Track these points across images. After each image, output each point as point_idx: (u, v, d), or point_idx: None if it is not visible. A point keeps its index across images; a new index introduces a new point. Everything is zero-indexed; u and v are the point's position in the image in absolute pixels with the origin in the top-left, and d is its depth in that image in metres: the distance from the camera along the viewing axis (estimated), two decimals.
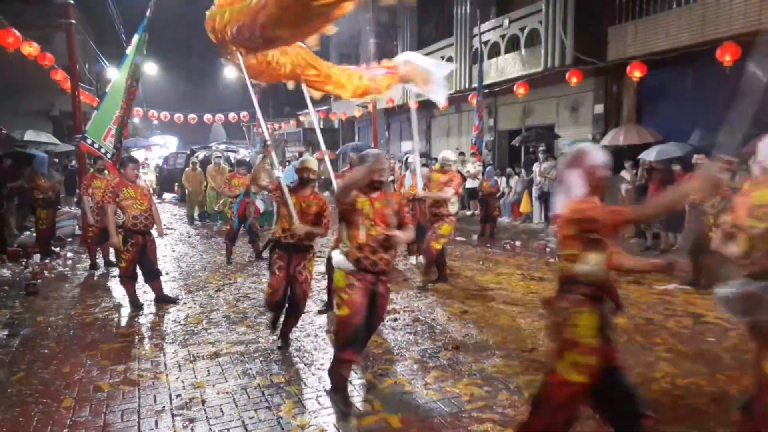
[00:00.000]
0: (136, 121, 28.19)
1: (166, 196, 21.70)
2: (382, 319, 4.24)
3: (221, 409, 3.77)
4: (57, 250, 9.91)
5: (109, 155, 9.34)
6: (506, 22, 14.82)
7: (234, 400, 3.92)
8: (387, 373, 4.36)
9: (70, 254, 9.78)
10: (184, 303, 6.60)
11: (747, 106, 2.38)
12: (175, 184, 19.84)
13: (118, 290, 7.08)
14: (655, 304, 6.29)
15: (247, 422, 3.58)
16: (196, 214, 14.85)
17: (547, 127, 15.19)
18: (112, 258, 8.22)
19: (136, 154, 26.09)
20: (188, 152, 19.63)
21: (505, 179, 14.66)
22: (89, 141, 9.62)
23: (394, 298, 6.62)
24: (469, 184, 13.95)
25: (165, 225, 12.66)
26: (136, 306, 6.34)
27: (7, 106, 18.44)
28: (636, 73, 11.42)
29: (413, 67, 5.71)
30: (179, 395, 4.02)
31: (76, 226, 12.25)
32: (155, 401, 3.93)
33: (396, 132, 24.57)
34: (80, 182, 11.34)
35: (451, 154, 7.54)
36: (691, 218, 7.48)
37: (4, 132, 14.10)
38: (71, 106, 11.12)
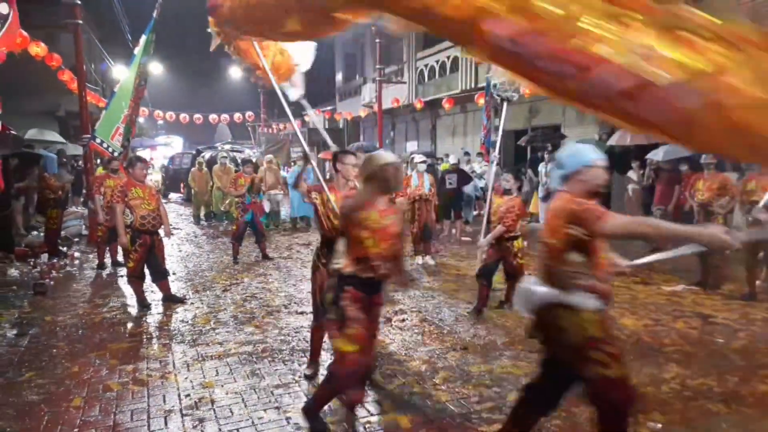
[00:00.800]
0: (141, 120, 28.27)
1: (172, 196, 21.76)
2: None
3: (230, 410, 3.78)
4: (64, 249, 9.94)
5: (116, 154, 9.39)
6: None
7: (243, 400, 3.92)
8: (396, 374, 4.36)
9: (77, 254, 9.82)
10: (192, 303, 6.61)
11: None
12: (181, 184, 19.88)
13: (125, 290, 7.11)
14: (663, 305, 6.27)
15: (257, 422, 3.58)
16: (203, 214, 14.89)
17: (553, 127, 15.14)
18: (120, 258, 8.24)
19: (141, 154, 26.26)
20: (194, 152, 19.67)
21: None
22: (98, 140, 9.69)
23: (402, 298, 6.62)
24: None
25: (171, 225, 12.73)
26: (144, 306, 6.36)
27: (14, 106, 18.44)
28: None
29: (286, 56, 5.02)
30: (188, 395, 4.02)
31: (83, 226, 12.30)
32: (164, 401, 3.94)
33: (401, 132, 24.56)
34: (87, 182, 11.41)
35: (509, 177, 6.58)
36: (700, 218, 7.44)
37: (13, 132, 14.13)
38: (77, 106, 11.16)
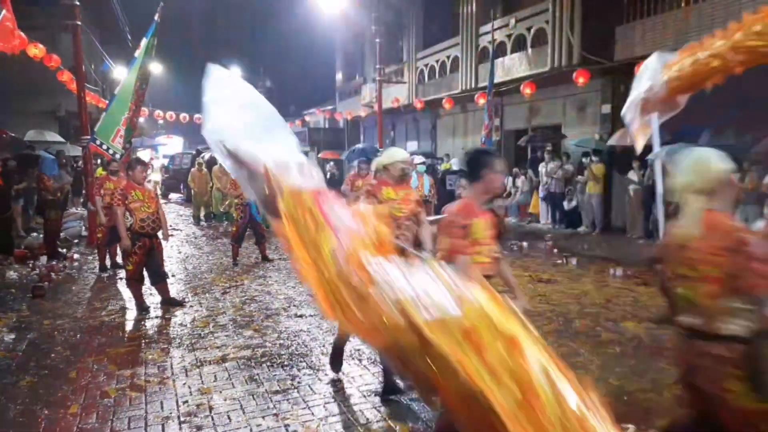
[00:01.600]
0: (141, 120, 28.25)
1: (172, 196, 21.74)
2: None
3: (228, 416, 3.74)
4: (64, 251, 9.92)
5: (118, 156, 9.38)
6: (512, 22, 14.73)
7: (241, 406, 3.89)
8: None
9: (76, 255, 9.79)
10: (191, 306, 6.59)
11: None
12: (181, 185, 19.87)
13: (124, 293, 7.08)
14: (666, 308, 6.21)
15: (255, 430, 3.55)
16: (202, 215, 14.87)
17: (553, 127, 15.10)
18: (119, 260, 8.21)
19: (141, 154, 26.21)
20: (194, 152, 19.65)
21: (511, 179, 14.59)
22: (98, 142, 9.69)
23: None
24: None
25: (171, 226, 12.70)
26: (143, 309, 6.33)
27: (14, 107, 18.50)
28: None
29: None
30: (186, 401, 3.99)
31: (83, 227, 12.28)
32: (162, 408, 3.91)
33: (401, 132, 24.51)
34: (87, 183, 11.38)
35: None
36: None
37: (11, 135, 14.11)
38: (77, 107, 11.13)
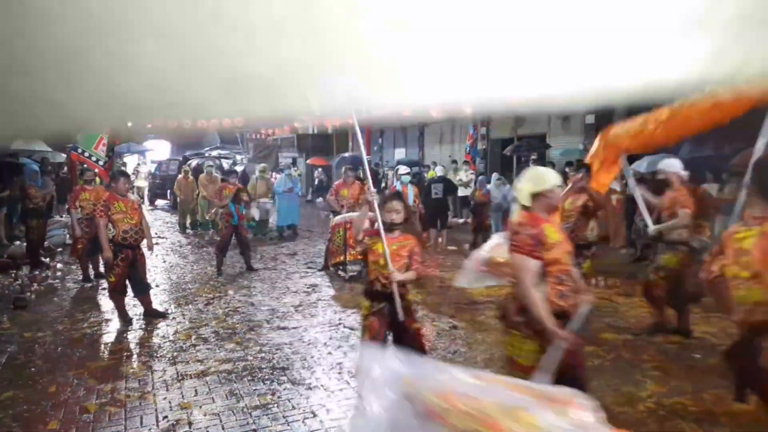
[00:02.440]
0: (129, 125, 28.05)
1: (159, 202, 21.63)
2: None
3: None
4: (47, 260, 9.86)
5: (101, 163, 9.35)
6: None
7: (221, 421, 3.91)
8: None
9: (60, 265, 9.73)
10: (173, 317, 6.58)
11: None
12: (168, 191, 19.79)
13: (107, 304, 7.05)
14: (644, 318, 6.29)
15: None
16: (188, 223, 14.81)
17: (538, 137, 15.25)
18: (102, 269, 8.18)
19: (128, 160, 25.99)
20: (181, 159, 19.58)
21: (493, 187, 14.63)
22: (80, 150, 9.64)
23: None
24: (461, 192, 14.02)
25: (156, 234, 12.66)
26: (125, 320, 6.32)
27: None
28: None
29: None
30: (166, 417, 4.00)
31: (67, 235, 12.18)
32: (141, 423, 3.92)
33: (389, 139, 24.59)
34: (72, 190, 11.29)
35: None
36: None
37: None
38: None
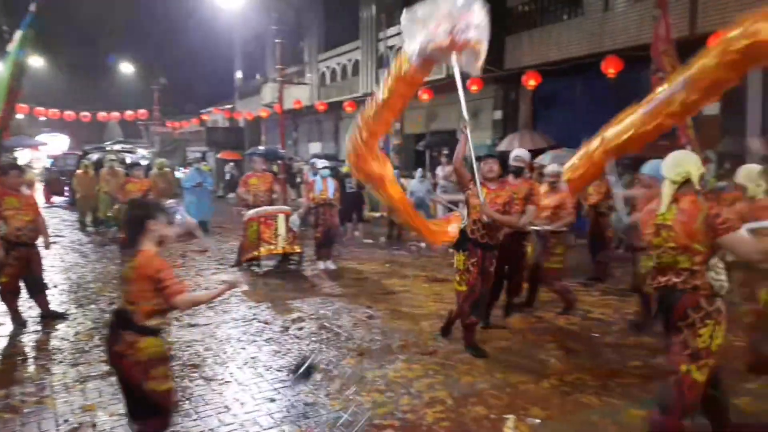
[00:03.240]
0: (20, 117, 26.07)
1: (56, 199, 20.22)
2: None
3: None
4: None
5: None
6: None
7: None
8: (289, 385, 4.33)
9: None
10: (74, 318, 6.19)
11: None
12: (65, 187, 18.56)
13: None
14: (548, 302, 6.63)
15: None
16: (89, 220, 13.96)
17: (450, 132, 15.69)
18: None
19: (20, 155, 24.07)
20: (80, 153, 18.42)
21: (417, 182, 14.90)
22: None
23: (300, 305, 6.59)
24: None
25: (54, 232, 11.83)
26: (19, 324, 5.87)
27: None
28: (531, 82, 12.05)
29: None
30: (67, 420, 3.78)
31: None
32: (39, 428, 3.68)
33: (304, 133, 24.39)
34: None
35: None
36: (590, 217, 8.03)
37: None
38: None
